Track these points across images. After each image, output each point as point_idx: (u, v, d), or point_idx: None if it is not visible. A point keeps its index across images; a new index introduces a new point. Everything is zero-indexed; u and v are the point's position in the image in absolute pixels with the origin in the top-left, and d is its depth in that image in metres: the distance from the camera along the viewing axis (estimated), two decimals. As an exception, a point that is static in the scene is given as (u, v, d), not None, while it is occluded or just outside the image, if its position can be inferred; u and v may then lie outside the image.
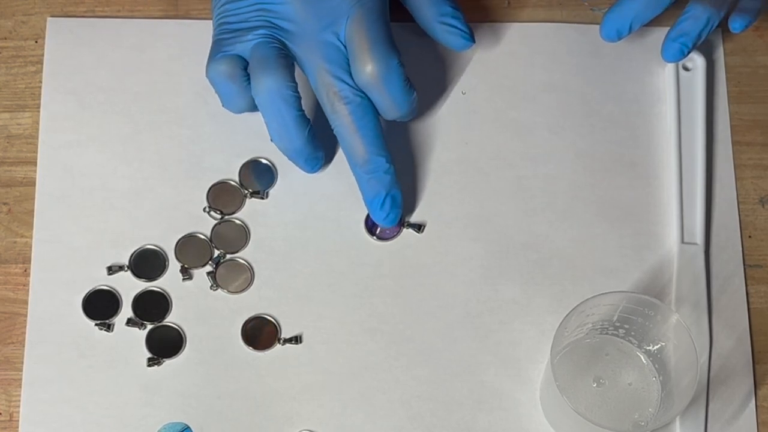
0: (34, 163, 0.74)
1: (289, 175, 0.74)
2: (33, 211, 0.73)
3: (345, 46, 0.70)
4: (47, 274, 0.71)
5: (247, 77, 0.70)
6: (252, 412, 0.69)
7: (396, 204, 0.71)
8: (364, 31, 0.69)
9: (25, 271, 0.72)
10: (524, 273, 0.72)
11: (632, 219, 0.73)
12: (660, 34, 0.77)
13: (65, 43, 0.76)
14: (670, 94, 0.75)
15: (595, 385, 0.68)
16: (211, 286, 0.71)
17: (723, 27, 0.78)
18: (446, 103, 0.76)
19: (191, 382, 0.70)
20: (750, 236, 0.74)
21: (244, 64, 0.70)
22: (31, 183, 0.73)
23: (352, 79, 0.69)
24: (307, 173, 0.72)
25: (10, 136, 0.75)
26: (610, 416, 0.68)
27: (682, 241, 0.72)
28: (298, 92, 0.69)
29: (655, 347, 0.68)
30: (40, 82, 0.75)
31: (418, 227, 0.72)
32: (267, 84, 0.68)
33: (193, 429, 0.69)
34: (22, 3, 0.77)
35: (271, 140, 0.70)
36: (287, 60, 0.69)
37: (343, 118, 0.69)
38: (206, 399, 0.69)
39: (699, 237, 0.72)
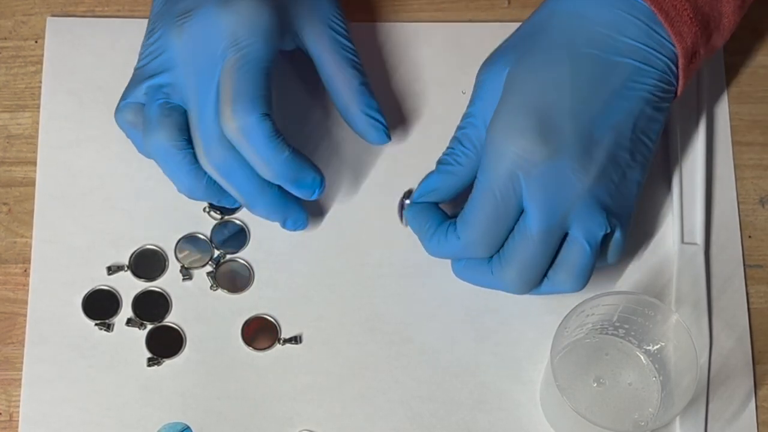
0: (34, 163, 0.74)
1: (289, 175, 0.74)
2: (33, 211, 0.73)
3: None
4: (47, 274, 0.71)
5: None
6: (252, 413, 0.69)
7: (299, 222, 0.70)
8: (231, 81, 0.66)
9: (25, 271, 0.72)
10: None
11: (632, 219, 0.73)
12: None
13: (65, 43, 0.76)
14: (670, 94, 0.75)
15: (595, 385, 0.68)
16: (211, 286, 0.71)
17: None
18: (446, 103, 0.75)
19: (191, 382, 0.70)
20: (750, 236, 0.74)
21: None
22: (31, 183, 0.73)
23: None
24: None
25: (10, 136, 0.75)
26: (610, 416, 0.68)
27: (682, 241, 0.72)
28: (188, 148, 0.67)
29: (655, 347, 0.68)
30: (40, 82, 0.75)
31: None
32: (153, 145, 0.67)
33: (193, 429, 0.69)
34: (22, 3, 0.77)
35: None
36: (171, 116, 0.67)
37: (212, 173, 0.68)
38: (206, 399, 0.69)
39: (699, 237, 0.72)
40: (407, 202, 0.70)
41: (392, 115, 0.75)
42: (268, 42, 0.67)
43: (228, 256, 0.72)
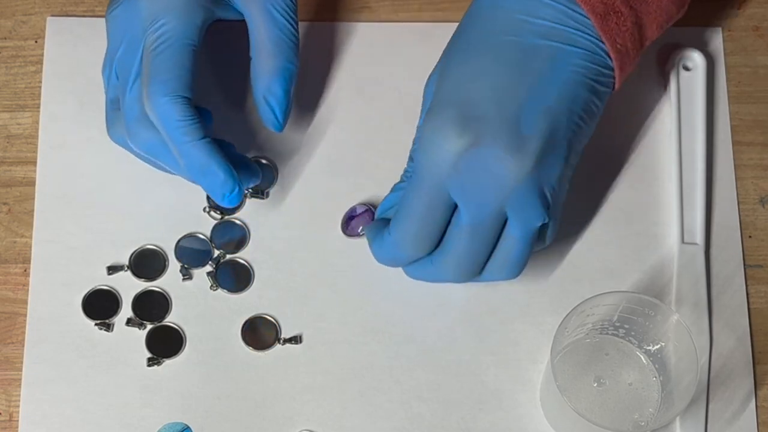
0: (34, 163, 0.74)
1: (290, 174, 0.74)
2: (33, 211, 0.73)
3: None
4: (47, 274, 0.71)
5: None
6: (252, 412, 0.69)
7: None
8: (149, 61, 0.66)
9: (25, 271, 0.72)
10: (524, 273, 0.72)
11: (632, 219, 0.73)
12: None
13: (65, 43, 0.76)
14: (670, 94, 0.75)
15: (595, 385, 0.68)
16: (211, 286, 0.71)
17: (723, 27, 0.78)
18: (446, 103, 0.75)
19: (191, 382, 0.70)
20: (750, 236, 0.74)
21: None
22: (31, 183, 0.73)
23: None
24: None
25: (10, 136, 0.75)
26: (610, 416, 0.68)
27: (682, 241, 0.72)
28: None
29: (655, 347, 0.68)
30: (40, 82, 0.75)
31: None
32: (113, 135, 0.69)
33: (193, 429, 0.69)
34: (22, 3, 0.77)
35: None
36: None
37: (139, 154, 0.68)
38: (206, 399, 0.69)
39: (699, 237, 0.72)
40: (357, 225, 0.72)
41: (392, 115, 0.75)
42: (184, 19, 0.66)
43: (228, 256, 0.72)
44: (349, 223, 0.72)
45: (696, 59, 0.76)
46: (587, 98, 0.66)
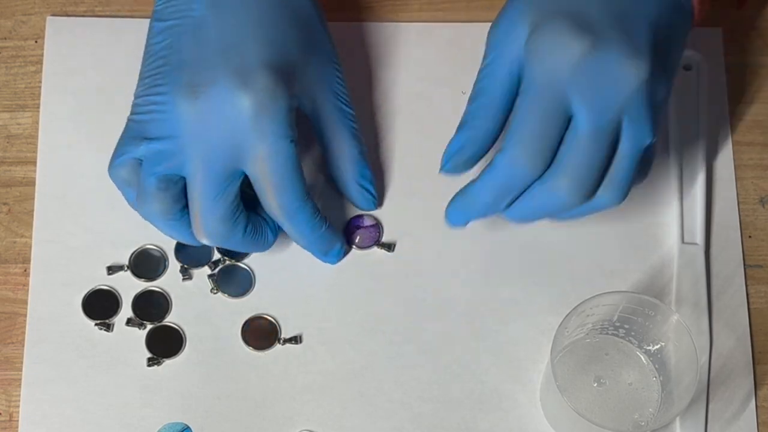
0: (34, 163, 0.74)
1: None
2: (33, 211, 0.73)
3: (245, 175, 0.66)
4: (47, 274, 0.71)
5: None
6: (252, 412, 0.69)
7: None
8: (268, 173, 0.65)
9: (25, 271, 0.72)
10: (524, 273, 0.72)
11: (632, 219, 0.73)
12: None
13: (65, 43, 0.76)
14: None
15: (595, 385, 0.68)
16: (212, 289, 0.71)
17: (723, 27, 0.78)
18: (446, 103, 0.75)
19: (191, 382, 0.70)
20: (750, 236, 0.74)
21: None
22: (31, 183, 0.73)
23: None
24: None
25: (10, 136, 0.75)
26: (610, 416, 0.68)
27: (682, 241, 0.72)
28: (181, 216, 0.67)
29: (655, 347, 0.68)
30: (40, 82, 0.75)
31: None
32: (146, 215, 0.67)
33: (193, 429, 0.69)
34: (22, 3, 0.77)
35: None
36: (168, 190, 0.66)
37: (205, 241, 0.68)
38: (206, 399, 0.69)
39: (699, 237, 0.72)
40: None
41: (392, 115, 0.75)
42: (289, 120, 0.65)
43: (228, 262, 0.72)
44: (355, 233, 0.72)
45: (696, 59, 0.76)
46: (677, 23, 0.65)
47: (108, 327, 0.71)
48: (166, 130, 0.65)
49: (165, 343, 0.70)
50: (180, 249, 0.72)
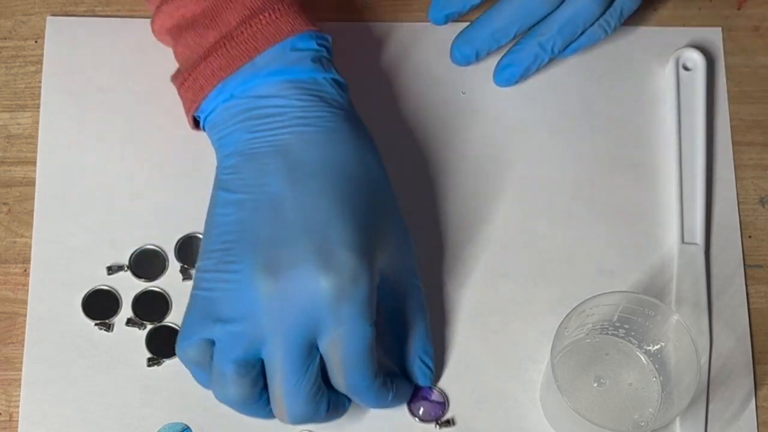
0: (34, 163, 0.74)
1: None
2: (33, 211, 0.73)
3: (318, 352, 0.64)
4: (47, 274, 0.71)
5: None
6: (252, 412, 0.69)
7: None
8: (342, 355, 0.63)
9: (25, 271, 0.72)
10: (524, 273, 0.72)
11: (632, 219, 0.73)
12: (661, 35, 0.77)
13: (65, 42, 0.76)
14: (670, 94, 0.75)
15: (595, 385, 0.68)
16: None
17: (723, 27, 0.78)
18: (446, 103, 0.75)
19: (191, 382, 0.69)
20: (750, 236, 0.74)
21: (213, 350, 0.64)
22: (31, 183, 0.73)
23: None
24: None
25: (10, 136, 0.75)
26: (610, 416, 0.68)
27: (682, 241, 0.72)
28: (261, 397, 0.64)
29: (655, 347, 0.68)
30: (40, 82, 0.75)
31: (448, 422, 0.69)
32: (227, 398, 0.64)
33: (193, 429, 0.69)
34: (22, 3, 0.77)
35: None
36: (247, 375, 0.63)
37: (286, 422, 0.65)
38: (206, 399, 0.69)
39: (699, 237, 0.72)
40: None
41: (392, 115, 0.75)
42: (370, 303, 0.63)
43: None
44: (419, 404, 0.70)
45: (696, 59, 0.76)
46: None
47: (108, 327, 0.71)
48: (242, 310, 0.62)
49: (165, 343, 0.70)
50: (180, 249, 0.72)
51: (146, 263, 0.72)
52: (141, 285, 0.72)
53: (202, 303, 0.64)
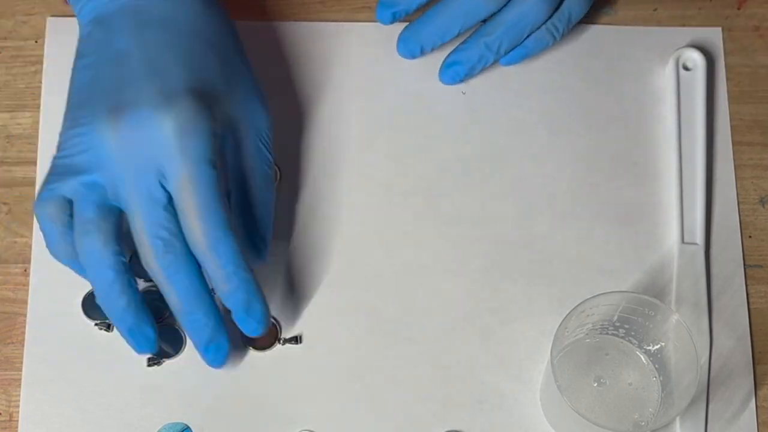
0: (34, 163, 0.74)
1: (290, 174, 0.74)
2: (33, 211, 0.73)
3: (169, 194, 0.64)
4: (47, 274, 0.71)
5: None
6: (252, 412, 0.69)
7: (221, 351, 0.66)
8: (191, 196, 0.63)
9: (25, 271, 0.72)
10: (524, 273, 0.72)
11: (632, 219, 0.73)
12: (661, 35, 0.77)
13: (65, 43, 0.76)
14: (670, 94, 0.75)
15: (595, 385, 0.68)
16: (211, 290, 0.71)
17: (723, 27, 0.78)
18: (446, 103, 0.76)
19: (191, 382, 0.70)
20: (750, 236, 0.74)
21: (71, 209, 0.65)
22: (31, 183, 0.73)
23: (168, 232, 0.64)
24: (137, 353, 0.66)
25: (10, 136, 0.75)
26: (610, 416, 0.68)
27: (682, 241, 0.72)
28: (121, 255, 0.64)
29: (655, 347, 0.68)
30: (40, 82, 0.75)
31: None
32: (86, 247, 0.63)
33: (193, 429, 0.69)
34: (22, 3, 0.77)
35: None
36: (108, 220, 0.64)
37: (156, 275, 0.64)
38: (206, 399, 0.69)
39: (699, 237, 0.72)
40: None
41: (392, 115, 0.75)
42: (213, 145, 0.64)
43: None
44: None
45: (696, 59, 0.76)
46: None
47: (108, 327, 0.71)
48: (94, 161, 0.64)
49: (165, 343, 0.70)
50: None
51: (146, 263, 0.72)
52: (141, 285, 0.72)
53: (58, 164, 0.65)
